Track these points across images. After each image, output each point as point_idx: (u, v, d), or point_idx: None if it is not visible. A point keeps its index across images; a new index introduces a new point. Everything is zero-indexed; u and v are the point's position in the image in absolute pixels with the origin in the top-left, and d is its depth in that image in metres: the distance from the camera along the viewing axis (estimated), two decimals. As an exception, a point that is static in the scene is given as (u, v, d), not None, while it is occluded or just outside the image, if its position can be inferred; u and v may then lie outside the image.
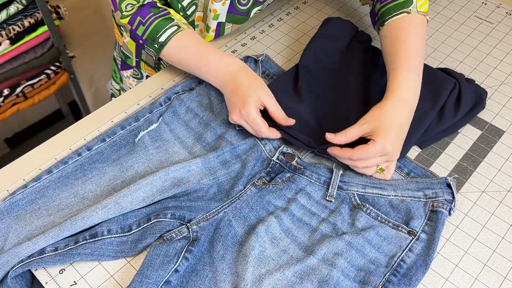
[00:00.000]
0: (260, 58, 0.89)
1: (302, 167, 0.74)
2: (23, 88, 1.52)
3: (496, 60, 0.95)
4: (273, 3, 1.07)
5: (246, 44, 0.98)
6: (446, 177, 0.71)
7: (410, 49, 0.75)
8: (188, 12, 0.90)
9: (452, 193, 0.70)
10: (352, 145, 0.71)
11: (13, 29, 1.37)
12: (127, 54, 1.06)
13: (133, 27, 0.83)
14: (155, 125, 0.80)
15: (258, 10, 0.95)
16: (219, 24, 0.92)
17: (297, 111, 0.79)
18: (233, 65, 0.79)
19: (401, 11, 0.79)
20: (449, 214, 0.70)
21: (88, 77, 1.89)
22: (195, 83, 0.86)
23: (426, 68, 0.85)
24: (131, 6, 0.82)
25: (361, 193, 0.72)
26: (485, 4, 1.07)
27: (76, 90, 1.77)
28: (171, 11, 0.84)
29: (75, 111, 2.01)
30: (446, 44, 0.98)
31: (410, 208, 0.69)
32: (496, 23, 1.02)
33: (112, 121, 0.82)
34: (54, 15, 1.47)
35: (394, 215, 0.70)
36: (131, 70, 1.08)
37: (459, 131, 0.82)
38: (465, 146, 0.80)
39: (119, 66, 1.12)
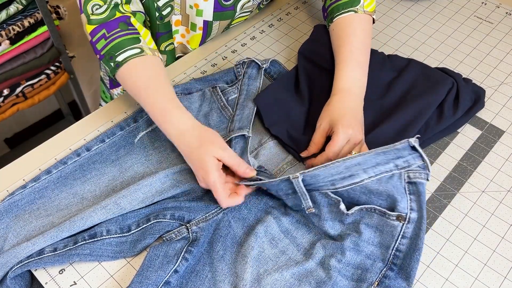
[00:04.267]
0: (264, 66, 0.84)
1: (265, 189, 0.69)
2: (23, 88, 1.52)
3: (496, 60, 0.94)
4: (273, 3, 1.07)
5: (246, 44, 0.97)
6: (408, 140, 0.63)
7: (353, 44, 0.81)
8: (164, 13, 0.86)
9: (421, 156, 0.64)
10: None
11: (13, 29, 1.37)
12: None
13: (94, 39, 0.76)
14: (154, 125, 0.80)
15: (248, 4, 0.92)
16: (205, 22, 0.90)
17: (299, 113, 0.80)
18: (177, 124, 0.71)
19: (349, 9, 0.84)
20: (427, 180, 0.65)
21: (88, 77, 1.89)
22: (195, 88, 0.84)
23: (424, 67, 0.85)
24: (97, 7, 0.76)
25: (333, 191, 0.66)
26: (485, 4, 1.07)
27: (76, 90, 1.76)
28: (142, 32, 0.78)
29: (75, 111, 2.01)
30: (446, 44, 0.98)
31: (390, 187, 0.65)
32: (496, 23, 1.02)
33: (112, 121, 0.82)
34: (54, 15, 1.47)
35: (376, 199, 0.65)
36: (121, 87, 1.02)
37: (458, 130, 0.82)
38: (465, 146, 0.80)
39: (108, 86, 1.07)
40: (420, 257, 0.63)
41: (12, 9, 1.37)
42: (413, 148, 0.64)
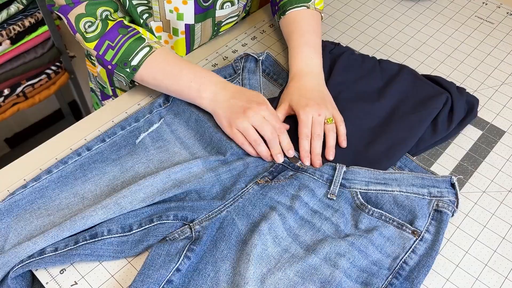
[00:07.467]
0: (261, 58, 0.88)
1: (305, 167, 0.74)
2: (24, 88, 1.52)
3: (496, 60, 0.94)
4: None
5: (246, 44, 0.98)
6: (451, 176, 0.70)
7: (304, 29, 0.85)
8: (144, 17, 0.85)
9: (456, 194, 0.70)
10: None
11: (14, 29, 1.37)
12: (103, 84, 1.03)
13: (100, 53, 0.78)
14: (156, 125, 0.80)
15: (229, 6, 0.90)
16: (187, 26, 0.89)
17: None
18: (214, 77, 0.78)
19: (302, 4, 0.88)
20: (452, 215, 0.70)
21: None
22: None
23: (415, 78, 0.85)
24: (90, 25, 0.77)
25: (364, 191, 0.71)
26: (486, 4, 1.07)
27: (77, 90, 1.77)
28: (140, 29, 0.80)
29: (75, 111, 2.01)
30: (446, 44, 0.98)
31: (415, 205, 0.69)
32: (497, 23, 1.02)
33: (112, 121, 0.82)
34: (54, 15, 1.47)
35: (398, 212, 0.69)
36: (111, 99, 1.03)
37: (459, 130, 0.82)
38: (466, 146, 0.80)
39: (100, 97, 1.07)
40: (428, 272, 0.64)
41: (13, 8, 1.38)
42: (452, 185, 0.70)
